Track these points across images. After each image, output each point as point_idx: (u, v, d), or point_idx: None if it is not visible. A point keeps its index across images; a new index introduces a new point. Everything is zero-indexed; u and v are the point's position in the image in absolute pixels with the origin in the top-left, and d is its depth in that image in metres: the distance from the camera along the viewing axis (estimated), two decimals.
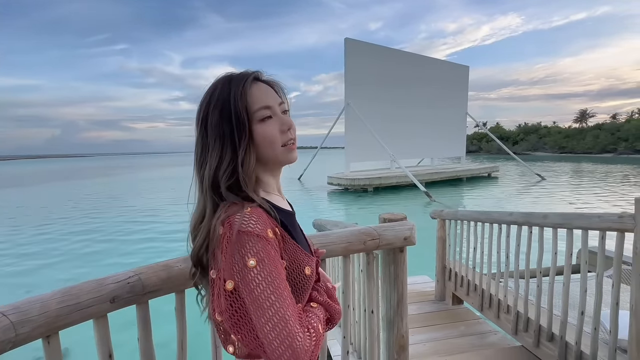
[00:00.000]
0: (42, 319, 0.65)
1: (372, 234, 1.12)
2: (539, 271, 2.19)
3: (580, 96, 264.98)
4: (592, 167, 29.42)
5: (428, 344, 2.65)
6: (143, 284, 0.80)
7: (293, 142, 0.68)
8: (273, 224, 0.63)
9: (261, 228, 0.58)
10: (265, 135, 0.65)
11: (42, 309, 0.66)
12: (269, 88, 0.70)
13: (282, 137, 0.67)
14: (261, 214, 0.61)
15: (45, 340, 0.68)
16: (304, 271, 0.66)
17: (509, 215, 2.39)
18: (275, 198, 0.71)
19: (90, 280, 0.75)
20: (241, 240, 0.56)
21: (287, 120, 0.68)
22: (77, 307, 0.70)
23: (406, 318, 1.26)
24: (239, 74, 0.68)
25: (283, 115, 0.69)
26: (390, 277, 1.23)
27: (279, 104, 0.69)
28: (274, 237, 0.61)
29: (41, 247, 8.40)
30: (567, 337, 1.98)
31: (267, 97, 0.67)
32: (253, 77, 0.67)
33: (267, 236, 0.58)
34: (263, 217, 0.61)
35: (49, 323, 0.66)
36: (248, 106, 0.64)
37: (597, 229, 1.77)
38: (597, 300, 1.78)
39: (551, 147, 57.87)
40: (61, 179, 32.00)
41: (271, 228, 0.61)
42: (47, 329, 0.66)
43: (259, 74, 0.69)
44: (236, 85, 0.64)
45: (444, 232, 3.41)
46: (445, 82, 23.20)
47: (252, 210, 0.60)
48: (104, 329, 0.77)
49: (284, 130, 0.67)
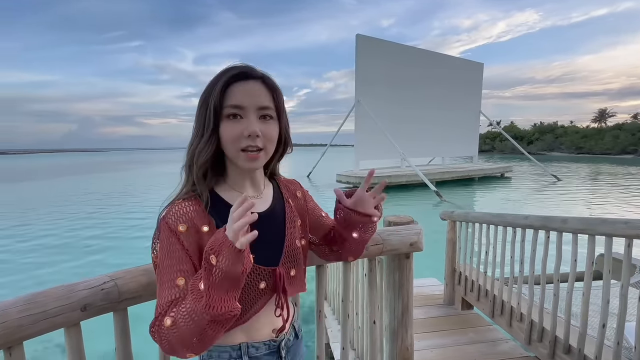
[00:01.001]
0: (0, 330, 0.59)
1: (375, 238, 1.03)
2: (556, 278, 2.05)
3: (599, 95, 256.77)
4: (611, 168, 28.41)
5: (435, 350, 2.54)
6: (119, 290, 0.73)
7: (255, 150, 0.65)
8: (200, 219, 0.65)
9: (173, 221, 0.63)
10: (225, 133, 0.65)
11: (1, 318, 0.59)
12: (261, 88, 0.66)
13: (242, 140, 0.64)
14: (191, 205, 0.66)
15: (6, 352, 0.62)
16: None
17: (525, 218, 2.25)
18: (235, 196, 0.70)
19: (59, 286, 0.68)
20: (160, 226, 0.65)
21: (253, 126, 0.64)
22: (43, 315, 0.64)
23: (411, 329, 1.17)
24: (231, 67, 0.66)
25: (258, 120, 0.66)
26: (395, 285, 1.13)
27: (258, 107, 0.65)
28: (188, 232, 0.64)
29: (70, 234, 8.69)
30: (586, 350, 1.85)
31: (244, 97, 0.64)
32: (240, 72, 0.65)
33: (176, 229, 0.63)
34: (185, 211, 0.65)
35: (8, 334, 0.60)
36: (221, 101, 0.64)
37: (622, 236, 1.63)
38: (621, 312, 1.65)
39: (567, 148, 56.18)
40: (89, 172, 33.24)
41: (190, 223, 0.64)
42: (7, 340, 0.60)
43: (249, 71, 0.66)
44: (218, 78, 0.65)
45: (454, 234, 3.28)
46: (459, 79, 22.70)
47: (184, 201, 0.66)
48: (75, 339, 0.71)
49: (245, 135, 0.64)
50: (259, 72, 0.67)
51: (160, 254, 0.63)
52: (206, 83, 0.67)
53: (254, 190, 0.74)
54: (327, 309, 2.89)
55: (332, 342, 2.50)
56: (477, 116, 25.05)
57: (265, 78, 0.68)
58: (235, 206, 0.55)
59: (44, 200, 14.89)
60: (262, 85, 0.67)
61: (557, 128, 63.53)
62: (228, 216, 0.61)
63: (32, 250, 7.62)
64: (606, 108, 70.04)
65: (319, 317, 1.04)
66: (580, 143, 54.37)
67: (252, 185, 0.74)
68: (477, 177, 20.79)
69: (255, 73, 0.66)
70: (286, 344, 0.78)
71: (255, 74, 0.66)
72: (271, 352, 0.74)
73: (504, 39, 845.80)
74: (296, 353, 0.81)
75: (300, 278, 0.79)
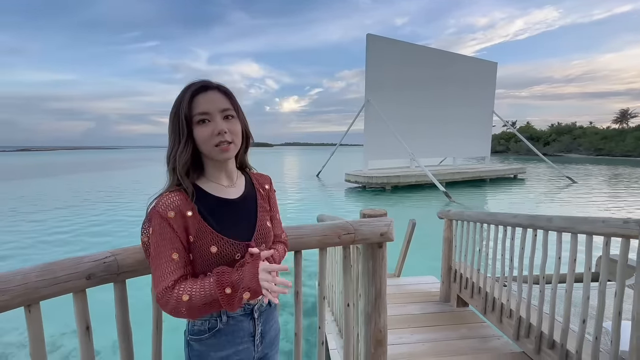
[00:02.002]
0: (22, 289, 0.73)
1: (347, 228, 1.14)
2: (542, 276, 2.11)
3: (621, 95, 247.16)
4: (632, 171, 27.42)
5: (427, 344, 2.62)
6: (119, 264, 0.87)
7: (225, 143, 0.80)
8: (185, 207, 0.79)
9: (163, 209, 0.77)
10: (199, 136, 0.80)
11: (22, 280, 0.74)
12: (219, 95, 0.81)
13: (214, 138, 0.79)
14: (177, 197, 0.79)
15: (26, 309, 0.76)
16: (210, 249, 0.79)
17: (514, 217, 2.31)
18: (214, 187, 0.86)
19: (68, 258, 0.82)
20: (151, 215, 0.79)
21: (220, 125, 0.79)
22: (55, 281, 0.78)
23: (384, 313, 1.27)
24: (192, 84, 0.80)
25: (222, 120, 0.81)
26: (369, 272, 1.24)
27: (220, 110, 0.80)
28: (176, 217, 0.78)
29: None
30: (568, 345, 1.91)
31: (207, 105, 0.79)
32: (200, 86, 0.79)
33: (165, 216, 0.77)
34: (172, 200, 0.79)
35: (28, 293, 0.74)
36: (190, 111, 0.78)
37: (601, 234, 1.69)
38: (599, 308, 1.70)
39: (586, 149, 54.39)
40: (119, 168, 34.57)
41: (177, 210, 0.78)
42: (27, 298, 0.74)
43: (207, 84, 0.81)
44: (183, 93, 0.79)
45: (451, 233, 3.34)
46: (471, 79, 22.37)
47: (171, 194, 0.80)
48: (82, 303, 0.85)
49: (215, 133, 0.79)
50: (215, 84, 0.82)
51: (154, 237, 0.77)
52: (219, 82, 0.83)
53: (228, 180, 0.89)
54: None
55: (328, 334, 2.62)
56: (490, 116, 24.62)
57: (220, 87, 0.83)
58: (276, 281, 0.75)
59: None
60: (219, 93, 0.82)
61: (576, 129, 61.55)
62: (208, 202, 0.82)
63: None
64: (628, 108, 67.21)
65: (296, 298, 1.16)
66: (599, 144, 52.55)
67: (227, 176, 0.89)
68: (488, 179, 20.47)
69: (212, 84, 0.82)
70: (259, 308, 0.91)
71: (212, 85, 0.82)
72: (245, 313, 0.89)
73: (522, 37, 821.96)
74: (269, 318, 0.95)
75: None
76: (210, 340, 0.84)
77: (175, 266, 0.76)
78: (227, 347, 0.86)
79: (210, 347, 0.84)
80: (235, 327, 0.87)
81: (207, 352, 0.84)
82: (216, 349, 0.85)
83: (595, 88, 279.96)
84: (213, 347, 0.85)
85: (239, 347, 0.87)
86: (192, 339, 0.86)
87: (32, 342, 0.78)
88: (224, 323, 0.85)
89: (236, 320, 0.87)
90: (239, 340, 0.87)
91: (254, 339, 0.90)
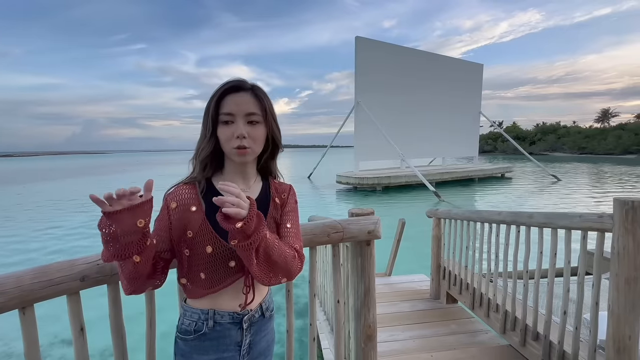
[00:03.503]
0: (17, 292, 0.74)
1: (336, 227, 1.18)
2: (525, 270, 2.19)
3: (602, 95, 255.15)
4: (612, 168, 28.32)
5: (417, 340, 2.68)
6: (112, 266, 0.89)
7: (242, 148, 0.81)
8: (191, 200, 0.83)
9: (170, 199, 0.83)
10: (221, 135, 0.83)
11: (17, 283, 0.75)
12: (249, 98, 0.82)
13: (233, 140, 0.81)
14: (187, 188, 0.84)
15: (20, 311, 0.77)
16: (205, 248, 0.82)
17: (498, 214, 2.39)
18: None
19: (62, 261, 0.84)
20: (165, 199, 0.84)
21: (240, 129, 0.81)
22: (49, 283, 0.79)
23: (373, 309, 1.31)
24: (227, 82, 0.83)
25: (245, 124, 0.82)
26: (358, 269, 1.28)
27: (245, 113, 0.81)
28: (177, 209, 0.82)
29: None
30: (551, 336, 1.98)
31: (233, 106, 0.81)
32: (232, 86, 0.82)
33: (169, 205, 0.83)
34: (180, 192, 0.84)
35: (22, 296, 0.75)
36: (217, 109, 0.81)
37: (578, 229, 1.77)
38: (578, 300, 1.78)
39: (570, 148, 55.93)
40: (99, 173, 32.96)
41: (179, 202, 0.83)
42: (21, 300, 0.76)
43: (241, 84, 0.83)
44: (217, 90, 0.82)
45: (439, 231, 3.42)
46: (458, 80, 22.80)
47: (180, 186, 0.85)
48: (76, 305, 0.86)
49: (235, 136, 0.81)
50: (249, 85, 0.83)
51: (156, 217, 0.82)
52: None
53: (243, 183, 0.89)
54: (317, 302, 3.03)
55: (321, 334, 2.65)
56: (477, 117, 25.11)
57: (255, 89, 0.83)
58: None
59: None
60: (251, 96, 0.82)
61: (560, 128, 63.25)
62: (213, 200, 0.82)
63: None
64: (609, 108, 69.57)
65: (288, 296, 1.19)
66: (582, 143, 54.12)
67: (243, 179, 0.90)
68: (477, 178, 20.86)
69: (246, 85, 0.83)
70: (250, 319, 0.89)
71: (246, 86, 0.83)
72: (234, 322, 0.87)
73: (506, 39, 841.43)
74: (261, 329, 0.92)
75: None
76: (194, 342, 0.84)
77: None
78: (211, 353, 0.85)
79: (194, 350, 0.84)
80: (221, 334, 0.85)
81: (191, 354, 0.84)
82: (200, 352, 0.84)
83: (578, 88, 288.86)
84: (197, 350, 0.84)
85: (223, 354, 0.86)
86: (179, 337, 0.86)
87: (27, 345, 0.79)
88: (210, 328, 0.84)
89: (223, 327, 0.85)
90: (224, 347, 0.86)
91: (240, 349, 0.88)
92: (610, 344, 1.57)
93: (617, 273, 1.53)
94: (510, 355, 2.28)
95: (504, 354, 2.31)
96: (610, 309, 1.57)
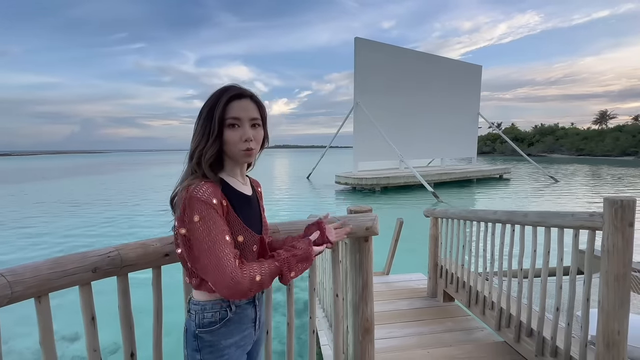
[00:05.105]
0: (34, 281, 0.79)
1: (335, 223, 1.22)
2: (519, 268, 2.24)
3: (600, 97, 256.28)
4: (609, 170, 28.47)
5: (414, 337, 2.73)
6: (122, 258, 0.94)
7: (249, 149, 0.89)
8: (220, 196, 0.85)
9: (207, 196, 0.81)
10: (228, 138, 0.88)
11: (34, 272, 0.79)
12: (251, 104, 0.90)
13: (241, 144, 0.88)
14: (212, 186, 0.84)
15: (36, 299, 0.82)
16: (237, 238, 0.87)
17: (493, 213, 2.44)
18: (234, 181, 0.94)
19: (76, 253, 0.88)
20: (191, 202, 0.80)
21: (248, 133, 0.88)
22: (64, 273, 0.84)
23: (371, 303, 1.36)
24: (229, 88, 0.89)
25: (250, 128, 0.89)
26: (356, 264, 1.33)
27: (250, 118, 0.89)
28: (218, 204, 0.83)
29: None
30: (544, 332, 2.03)
31: (240, 111, 0.87)
32: (237, 93, 0.88)
33: (210, 202, 0.81)
34: (212, 189, 0.83)
35: (39, 285, 0.80)
36: (224, 114, 0.86)
37: (571, 227, 1.82)
38: (570, 297, 1.83)
39: (568, 149, 56.17)
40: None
41: (217, 198, 0.83)
42: (38, 290, 0.80)
43: (243, 92, 0.89)
44: (220, 96, 0.87)
45: (437, 230, 3.47)
46: (457, 81, 22.90)
47: (205, 183, 0.83)
48: (87, 296, 0.91)
49: (242, 140, 0.88)
50: (249, 92, 0.91)
51: (204, 224, 0.79)
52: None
53: (242, 179, 0.98)
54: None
55: (319, 330, 2.70)
56: (476, 118, 25.23)
57: (253, 96, 0.91)
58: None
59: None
60: (252, 102, 0.90)
61: (558, 130, 63.48)
62: (234, 195, 0.90)
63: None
64: (607, 110, 69.93)
65: (288, 290, 1.24)
66: (580, 145, 54.37)
67: (241, 175, 0.98)
68: (475, 179, 20.95)
69: (247, 93, 0.90)
70: (259, 297, 1.02)
71: (247, 93, 0.90)
72: (249, 301, 0.97)
73: (505, 41, 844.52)
74: (261, 303, 1.05)
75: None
76: (221, 329, 0.91)
77: (231, 247, 0.82)
78: (235, 334, 0.93)
79: (221, 336, 0.91)
80: (242, 314, 0.94)
81: (218, 341, 0.90)
82: (226, 337, 0.91)
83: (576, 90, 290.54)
84: (224, 336, 0.91)
85: (244, 332, 0.95)
86: (202, 332, 0.90)
87: (42, 332, 0.83)
88: (233, 312, 0.92)
89: (242, 309, 0.94)
90: (244, 326, 0.95)
91: (255, 324, 0.99)
92: (600, 339, 1.62)
93: (606, 270, 1.58)
94: (504, 351, 2.33)
95: (498, 350, 2.36)
96: (600, 305, 1.63)
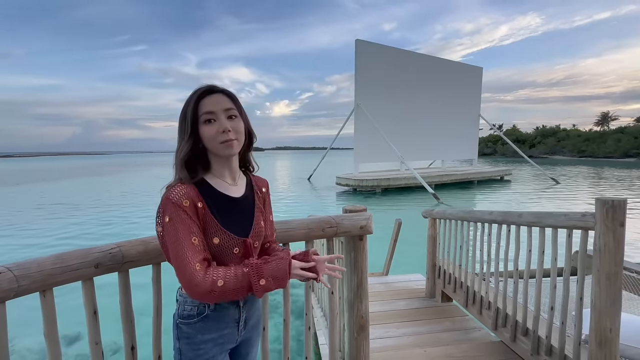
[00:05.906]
0: (39, 276, 0.83)
1: (330, 222, 1.26)
2: (515, 268, 2.27)
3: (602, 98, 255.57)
4: (612, 171, 28.38)
5: (411, 337, 2.75)
6: (123, 255, 0.97)
7: (229, 140, 0.89)
8: (196, 197, 0.86)
9: (178, 198, 0.84)
10: (205, 134, 0.88)
11: (39, 267, 0.83)
12: (223, 97, 0.90)
13: (220, 136, 0.88)
14: (186, 188, 0.85)
15: (41, 293, 0.85)
16: (212, 240, 0.88)
17: (489, 214, 2.47)
18: (218, 182, 0.93)
19: (79, 249, 0.92)
20: (164, 204, 0.84)
21: (224, 124, 0.88)
22: (67, 269, 0.87)
23: (366, 301, 1.39)
24: (199, 88, 0.90)
25: (227, 119, 0.89)
26: (351, 263, 1.36)
27: (224, 109, 0.89)
28: (190, 206, 0.84)
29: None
30: (540, 331, 2.06)
31: (212, 105, 0.88)
32: (206, 90, 0.89)
33: (180, 204, 0.83)
34: (185, 190, 0.85)
35: (44, 279, 0.83)
36: (197, 111, 0.87)
37: (564, 227, 1.85)
38: (564, 296, 1.86)
39: (570, 151, 55.99)
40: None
41: (190, 199, 0.85)
42: (43, 284, 0.84)
43: (212, 88, 0.90)
44: (191, 97, 0.88)
45: (435, 231, 3.50)
46: (458, 83, 22.92)
47: (180, 185, 0.86)
48: (90, 290, 0.95)
49: (220, 131, 0.88)
50: (220, 88, 0.91)
51: (171, 225, 0.82)
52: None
53: (231, 179, 0.96)
54: (314, 298, 3.11)
55: (318, 330, 2.72)
56: (477, 120, 25.22)
57: (225, 91, 0.91)
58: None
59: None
60: (224, 95, 0.90)
61: (560, 131, 63.30)
62: (214, 197, 0.89)
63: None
64: (608, 111, 69.60)
65: (285, 291, 1.27)
66: (582, 146, 54.17)
67: (230, 174, 0.96)
68: (476, 180, 20.94)
69: (217, 88, 0.90)
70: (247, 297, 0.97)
71: (217, 88, 0.90)
72: (232, 302, 0.96)
73: (506, 43, 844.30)
74: (252, 306, 1.04)
75: (260, 249, 1.03)
76: (198, 324, 0.92)
77: (195, 249, 0.82)
78: (213, 331, 0.93)
79: (198, 330, 0.92)
80: (222, 313, 0.94)
81: (195, 334, 0.92)
82: (203, 332, 0.92)
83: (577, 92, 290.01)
84: (200, 330, 0.92)
85: (223, 331, 0.95)
86: (181, 322, 0.93)
87: (46, 325, 0.87)
88: (212, 310, 0.92)
89: (222, 307, 0.94)
90: (224, 325, 0.95)
91: (238, 324, 0.98)
92: (593, 337, 1.65)
93: (598, 269, 1.61)
94: (500, 350, 2.35)
95: (494, 350, 2.38)
96: (593, 303, 1.65)
